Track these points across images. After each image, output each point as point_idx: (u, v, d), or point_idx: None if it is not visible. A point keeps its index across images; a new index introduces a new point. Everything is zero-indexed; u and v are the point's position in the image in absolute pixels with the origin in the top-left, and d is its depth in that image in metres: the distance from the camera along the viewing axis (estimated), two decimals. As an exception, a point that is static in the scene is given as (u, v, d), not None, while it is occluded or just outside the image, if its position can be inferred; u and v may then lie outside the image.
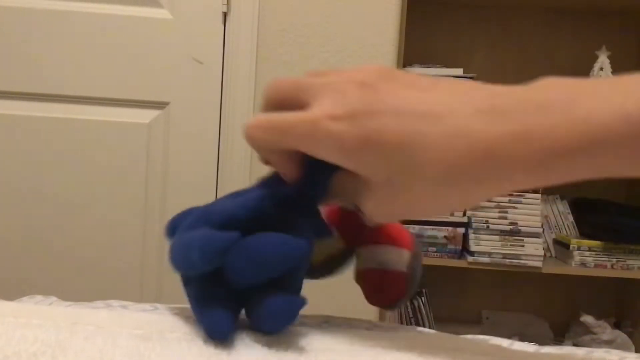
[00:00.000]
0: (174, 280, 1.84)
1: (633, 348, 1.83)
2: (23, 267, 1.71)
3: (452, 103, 0.31)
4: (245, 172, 1.71)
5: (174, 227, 0.42)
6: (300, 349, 0.33)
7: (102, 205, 1.71)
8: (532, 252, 1.73)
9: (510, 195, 1.75)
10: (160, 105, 1.71)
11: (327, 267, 0.42)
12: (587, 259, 1.75)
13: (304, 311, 0.37)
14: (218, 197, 1.72)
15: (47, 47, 1.68)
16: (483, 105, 0.30)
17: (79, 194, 1.70)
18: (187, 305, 0.46)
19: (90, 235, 1.71)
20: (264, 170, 0.39)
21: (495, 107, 0.30)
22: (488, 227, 1.74)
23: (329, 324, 0.41)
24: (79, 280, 1.71)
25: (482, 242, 1.74)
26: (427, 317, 1.85)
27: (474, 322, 2.08)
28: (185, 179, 1.71)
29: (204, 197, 1.71)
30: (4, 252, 1.70)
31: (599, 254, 1.76)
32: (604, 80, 0.29)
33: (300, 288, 0.37)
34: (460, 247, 1.77)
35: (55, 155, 1.69)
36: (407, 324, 1.80)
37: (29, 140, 1.69)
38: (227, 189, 1.71)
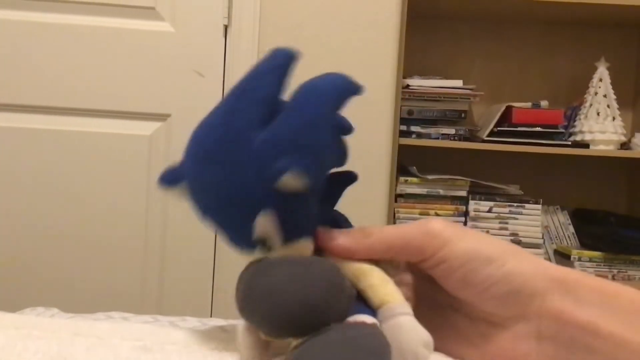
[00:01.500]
0: (175, 292, 1.84)
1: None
2: (24, 279, 1.70)
3: None
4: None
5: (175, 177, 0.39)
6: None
7: (103, 218, 1.71)
8: (533, 263, 1.72)
9: (511, 206, 1.75)
10: (161, 117, 1.71)
11: None
12: (588, 269, 1.75)
13: None
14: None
15: (48, 60, 1.69)
16: None
17: (79, 206, 1.70)
18: (187, 316, 0.46)
19: (91, 247, 1.71)
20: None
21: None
22: (489, 238, 1.74)
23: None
24: (80, 291, 1.70)
25: (483, 253, 1.73)
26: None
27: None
28: (186, 191, 1.71)
29: (204, 208, 1.71)
30: (5, 264, 1.70)
31: (600, 265, 1.75)
32: None
33: None
34: (461, 258, 1.76)
35: (57, 168, 1.70)
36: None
37: (30, 152, 1.69)
38: (227, 200, 1.71)
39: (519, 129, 1.73)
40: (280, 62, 0.36)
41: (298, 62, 0.36)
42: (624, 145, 1.81)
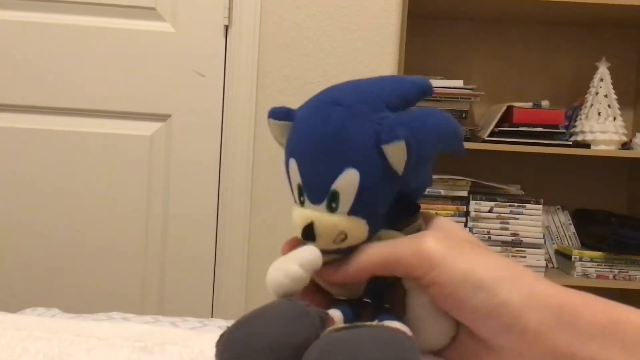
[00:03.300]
0: (176, 292, 1.84)
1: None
2: (25, 279, 1.70)
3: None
4: (246, 184, 1.71)
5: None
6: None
7: (104, 218, 1.71)
8: (534, 263, 1.72)
9: (512, 206, 1.75)
10: (162, 117, 1.71)
11: None
12: (589, 269, 1.75)
13: None
14: (219, 210, 1.72)
15: (49, 60, 1.69)
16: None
17: (81, 206, 1.71)
18: (188, 317, 0.46)
19: (92, 247, 1.71)
20: (265, 182, 0.40)
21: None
22: (489, 238, 1.74)
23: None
24: (81, 292, 1.70)
25: (483, 253, 1.73)
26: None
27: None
28: (187, 191, 1.72)
29: (205, 209, 1.72)
30: (6, 264, 1.70)
31: (600, 265, 1.75)
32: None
33: None
34: (462, 259, 1.76)
35: (57, 168, 1.70)
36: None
37: (30, 153, 1.69)
38: (228, 201, 1.71)
39: (519, 129, 1.73)
40: (423, 84, 0.39)
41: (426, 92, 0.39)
42: (625, 145, 1.81)
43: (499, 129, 1.74)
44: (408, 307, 0.35)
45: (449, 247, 0.33)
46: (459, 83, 1.78)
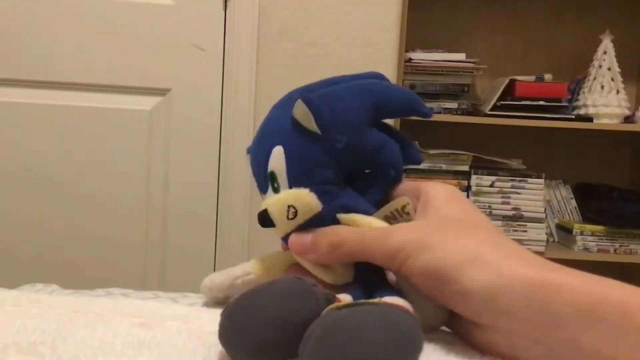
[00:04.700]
0: (177, 268, 1.83)
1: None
2: (24, 255, 1.71)
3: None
4: (247, 157, 1.70)
5: None
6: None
7: (104, 192, 1.71)
8: (535, 237, 1.72)
9: (513, 180, 1.75)
10: (161, 91, 1.70)
11: None
12: (590, 243, 1.75)
13: None
14: (220, 183, 1.72)
15: (48, 35, 1.67)
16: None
17: (80, 181, 1.70)
18: (188, 293, 0.46)
19: (92, 222, 1.71)
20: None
21: None
22: (491, 212, 1.74)
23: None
24: (81, 268, 1.71)
25: (484, 228, 1.73)
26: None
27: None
28: (187, 165, 1.71)
29: (206, 183, 1.71)
30: (5, 240, 1.70)
31: (602, 239, 1.75)
32: None
33: None
34: (463, 233, 1.76)
35: (57, 143, 1.69)
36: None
37: (30, 127, 1.69)
38: (229, 174, 1.71)
39: (522, 102, 1.71)
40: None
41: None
42: (628, 119, 1.79)
43: (501, 102, 1.73)
44: (400, 289, 0.36)
45: (416, 238, 0.33)
46: (461, 56, 1.76)
